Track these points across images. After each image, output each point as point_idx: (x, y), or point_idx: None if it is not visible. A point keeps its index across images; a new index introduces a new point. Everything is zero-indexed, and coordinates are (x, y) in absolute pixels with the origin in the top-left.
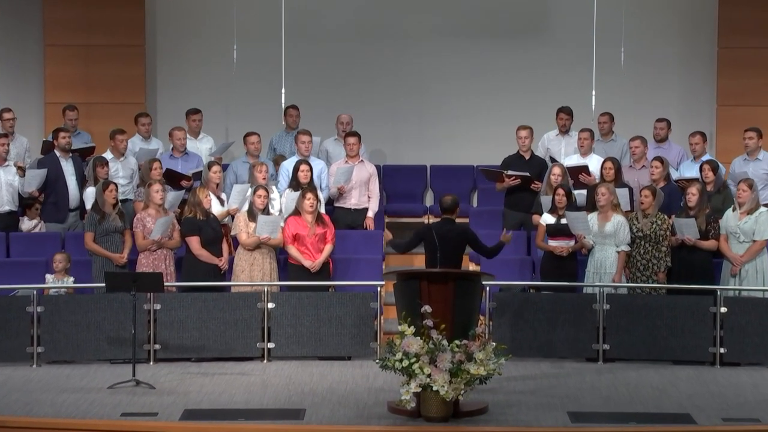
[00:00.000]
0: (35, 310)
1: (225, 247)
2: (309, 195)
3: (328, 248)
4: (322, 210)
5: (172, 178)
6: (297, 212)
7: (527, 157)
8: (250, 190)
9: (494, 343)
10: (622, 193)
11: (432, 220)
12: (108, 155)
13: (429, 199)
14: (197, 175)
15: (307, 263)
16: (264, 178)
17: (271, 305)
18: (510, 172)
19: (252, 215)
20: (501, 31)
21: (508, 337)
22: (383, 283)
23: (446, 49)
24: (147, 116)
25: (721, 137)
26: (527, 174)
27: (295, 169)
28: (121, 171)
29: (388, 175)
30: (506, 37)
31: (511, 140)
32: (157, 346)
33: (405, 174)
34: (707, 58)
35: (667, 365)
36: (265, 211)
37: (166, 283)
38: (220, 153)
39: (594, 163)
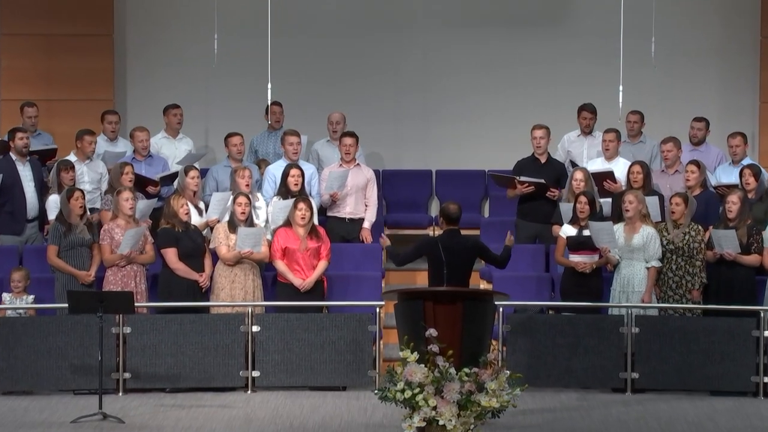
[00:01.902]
0: None
1: (207, 262)
2: (301, 205)
3: (321, 265)
4: (316, 221)
5: (139, 184)
6: (288, 223)
7: (543, 161)
8: (231, 198)
9: (508, 372)
10: (652, 202)
11: (438, 232)
12: (72, 158)
13: (434, 209)
14: (164, 180)
15: (296, 281)
16: (247, 185)
17: (255, 328)
18: (523, 179)
19: (233, 226)
20: (516, 20)
21: (523, 365)
22: (383, 303)
23: (453, 40)
24: (115, 114)
25: (764, 138)
26: (542, 181)
27: (285, 175)
28: (86, 175)
29: (387, 181)
30: (522, 26)
31: (527, 142)
32: (127, 375)
33: (407, 180)
34: (749, 49)
35: (704, 396)
36: (248, 221)
37: (136, 303)
38: (188, 163)
39: (620, 167)
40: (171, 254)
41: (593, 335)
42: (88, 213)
